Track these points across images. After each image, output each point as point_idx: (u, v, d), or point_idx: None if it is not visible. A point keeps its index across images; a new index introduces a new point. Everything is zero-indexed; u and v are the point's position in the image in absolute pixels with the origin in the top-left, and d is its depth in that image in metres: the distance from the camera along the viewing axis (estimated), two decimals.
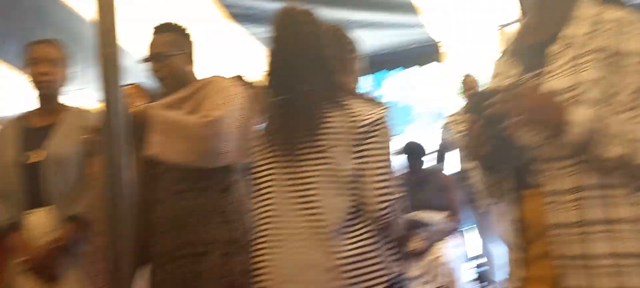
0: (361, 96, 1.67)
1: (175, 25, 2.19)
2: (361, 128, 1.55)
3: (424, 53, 4.58)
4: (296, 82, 1.60)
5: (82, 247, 2.23)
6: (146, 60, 2.15)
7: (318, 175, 1.56)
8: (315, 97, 1.58)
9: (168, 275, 1.98)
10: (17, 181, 2.23)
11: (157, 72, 2.14)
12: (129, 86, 2.81)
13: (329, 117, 1.57)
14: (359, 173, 1.54)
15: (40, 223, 2.23)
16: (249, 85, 3.18)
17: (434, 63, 4.67)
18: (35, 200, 2.22)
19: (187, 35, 2.21)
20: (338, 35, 1.77)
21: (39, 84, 2.30)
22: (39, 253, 2.17)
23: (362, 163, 1.55)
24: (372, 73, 6.09)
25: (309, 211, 1.55)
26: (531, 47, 1.40)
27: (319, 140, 1.56)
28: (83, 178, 2.25)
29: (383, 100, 1.66)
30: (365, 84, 1.91)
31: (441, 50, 4.53)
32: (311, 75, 1.59)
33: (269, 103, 1.66)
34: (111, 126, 1.19)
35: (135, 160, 1.89)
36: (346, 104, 1.59)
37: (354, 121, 1.56)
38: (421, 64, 4.73)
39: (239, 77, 3.23)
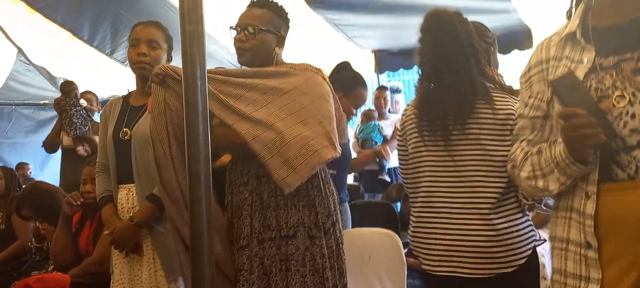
0: (506, 87, 1.83)
1: (275, 4, 2.12)
2: (515, 120, 1.68)
3: (513, 39, 4.35)
4: (449, 75, 1.80)
5: (160, 226, 2.24)
6: (237, 29, 2.06)
7: (472, 159, 1.78)
8: (466, 89, 1.77)
9: (249, 259, 1.95)
10: (113, 157, 2.32)
11: (244, 43, 2.04)
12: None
13: (479, 107, 1.78)
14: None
15: (126, 199, 2.30)
16: (351, 71, 3.14)
17: (522, 49, 4.43)
18: (126, 176, 2.29)
19: (285, 19, 2.14)
20: (481, 32, 1.93)
21: (136, 64, 2.32)
22: (118, 229, 2.24)
23: None
24: None
25: (466, 190, 1.79)
26: (613, 28, 1.28)
27: (471, 128, 1.78)
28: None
29: None
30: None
31: (532, 36, 4.28)
32: (463, 69, 1.78)
33: (423, 93, 1.87)
34: (192, 104, 1.16)
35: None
36: (496, 96, 1.79)
37: (506, 113, 1.76)
38: (509, 50, 4.50)
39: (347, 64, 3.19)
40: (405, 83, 6.77)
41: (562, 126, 1.25)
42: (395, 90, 5.70)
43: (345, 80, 3.03)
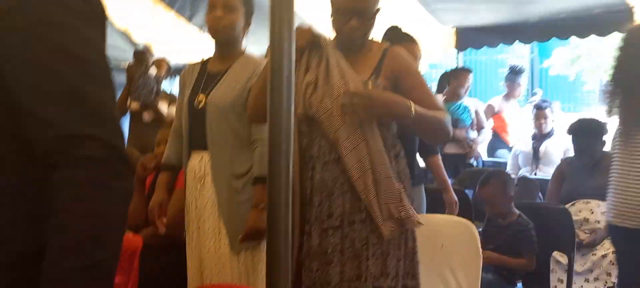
0: None
1: None
2: None
3: (613, 19, 4.00)
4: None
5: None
6: (351, 13, 1.85)
7: None
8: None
9: (342, 239, 1.85)
10: (187, 122, 2.29)
11: (358, 30, 1.87)
12: None
13: None
14: None
15: (198, 166, 2.26)
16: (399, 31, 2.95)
17: (622, 32, 4.08)
18: (199, 142, 2.25)
19: None
20: None
21: (212, 29, 2.26)
22: (252, 219, 2.16)
23: None
24: (542, 41, 5.49)
25: None
26: None
27: None
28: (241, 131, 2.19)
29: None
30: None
31: (634, 17, 3.92)
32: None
33: (614, 95, 2.34)
34: (278, 68, 1.07)
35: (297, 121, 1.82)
36: None
37: None
38: (607, 32, 4.15)
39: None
40: (483, 63, 6.38)
41: None
42: (518, 71, 5.24)
43: (389, 38, 2.76)
